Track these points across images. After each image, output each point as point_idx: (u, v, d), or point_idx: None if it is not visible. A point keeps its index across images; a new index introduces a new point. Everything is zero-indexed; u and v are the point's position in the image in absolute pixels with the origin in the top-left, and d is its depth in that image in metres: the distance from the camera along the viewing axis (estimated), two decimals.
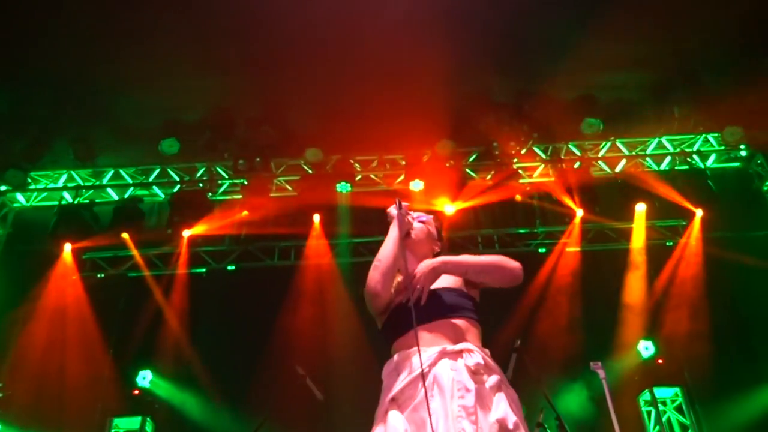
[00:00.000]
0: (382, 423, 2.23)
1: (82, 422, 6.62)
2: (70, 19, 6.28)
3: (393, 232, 2.60)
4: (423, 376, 2.19)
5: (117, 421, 6.67)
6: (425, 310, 2.39)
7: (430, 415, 2.07)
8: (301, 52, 6.87)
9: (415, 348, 2.27)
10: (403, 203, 2.69)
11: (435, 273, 2.43)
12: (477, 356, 2.30)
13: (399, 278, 2.58)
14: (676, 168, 8.05)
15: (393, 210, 2.68)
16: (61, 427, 6.51)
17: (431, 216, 2.91)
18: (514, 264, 2.59)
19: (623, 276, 7.22)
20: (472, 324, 2.47)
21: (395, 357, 2.40)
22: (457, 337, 2.37)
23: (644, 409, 6.75)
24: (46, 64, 6.72)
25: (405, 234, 2.64)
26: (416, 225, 2.76)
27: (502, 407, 2.19)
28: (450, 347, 2.30)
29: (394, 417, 2.20)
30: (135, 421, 6.68)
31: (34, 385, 6.67)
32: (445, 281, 2.55)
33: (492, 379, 2.28)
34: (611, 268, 7.33)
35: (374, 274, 2.49)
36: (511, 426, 2.14)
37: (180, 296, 7.46)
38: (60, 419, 6.50)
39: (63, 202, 8.05)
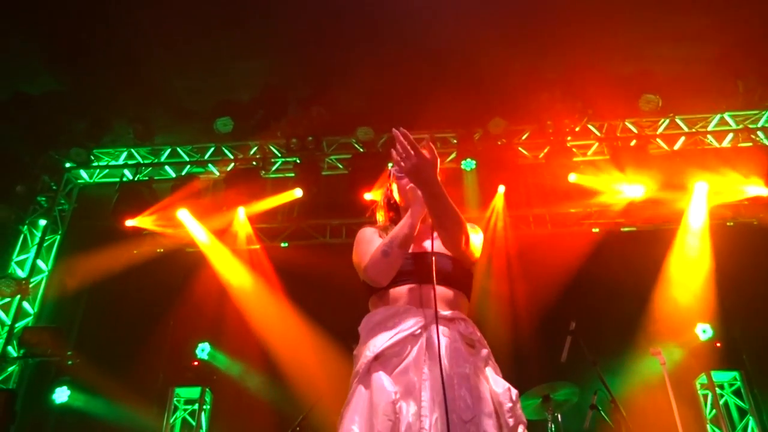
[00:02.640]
0: (363, 383, 2.15)
1: (146, 391, 6.93)
2: (130, 5, 6.44)
3: (416, 211, 2.39)
4: (438, 348, 2.09)
5: (178, 390, 6.97)
6: (423, 270, 2.33)
7: (443, 379, 2.02)
8: (351, 31, 6.87)
9: (406, 307, 2.25)
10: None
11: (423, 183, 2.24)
12: (470, 326, 2.29)
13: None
14: (738, 145, 7.76)
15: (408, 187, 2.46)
16: (127, 395, 6.82)
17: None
18: (465, 234, 2.36)
19: (681, 257, 7.05)
20: (464, 297, 2.42)
21: (380, 311, 2.33)
22: (450, 304, 2.32)
23: (701, 392, 6.64)
24: (106, 47, 6.93)
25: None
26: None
27: (498, 378, 2.20)
28: (444, 312, 2.24)
29: (381, 377, 2.10)
30: (195, 391, 6.96)
31: (101, 354, 7.00)
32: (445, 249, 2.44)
33: (483, 352, 2.28)
34: (668, 248, 7.15)
35: (382, 264, 2.32)
36: (513, 398, 2.14)
37: (234, 271, 7.66)
38: (125, 387, 6.81)
39: (124, 179, 8.34)
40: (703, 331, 6.67)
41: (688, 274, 6.88)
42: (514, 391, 2.17)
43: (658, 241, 7.25)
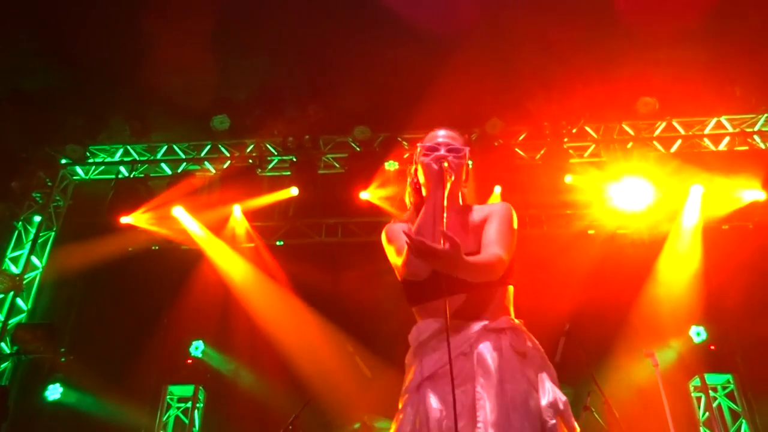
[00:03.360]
0: (413, 400, 2.12)
1: (139, 389, 6.91)
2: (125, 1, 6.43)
3: (437, 199, 2.22)
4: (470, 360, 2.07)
5: (172, 388, 6.95)
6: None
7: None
8: (348, 30, 6.87)
9: (452, 322, 2.09)
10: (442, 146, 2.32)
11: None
12: (521, 335, 2.18)
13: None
14: (735, 149, 7.77)
15: (431, 163, 2.30)
16: (119, 393, 6.80)
17: (463, 143, 2.47)
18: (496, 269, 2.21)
19: (675, 259, 7.06)
20: (505, 288, 2.31)
21: (427, 326, 2.24)
22: (495, 307, 2.23)
23: (694, 395, 6.65)
24: (102, 44, 6.91)
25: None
26: (453, 163, 2.33)
27: (549, 388, 2.10)
28: (492, 324, 2.17)
29: (430, 396, 2.08)
30: (188, 389, 6.95)
31: (94, 352, 6.99)
32: (476, 244, 2.29)
33: (534, 357, 2.17)
34: (663, 251, 7.16)
35: (415, 261, 2.13)
36: (561, 407, 2.06)
37: (229, 269, 7.65)
38: (118, 385, 6.79)
39: (120, 176, 8.32)
40: (697, 333, 6.68)
41: (683, 276, 6.88)
42: (562, 402, 2.07)
43: (653, 244, 7.26)
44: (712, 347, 6.60)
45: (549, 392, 2.08)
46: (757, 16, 6.78)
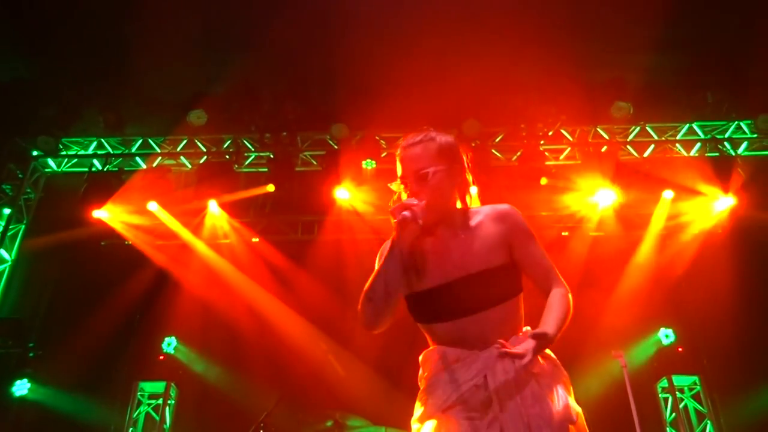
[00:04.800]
0: (424, 425, 2.08)
1: (109, 385, 6.83)
2: None
3: (390, 251, 2.10)
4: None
5: (143, 384, 6.88)
6: (471, 300, 2.14)
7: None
8: (328, 28, 6.85)
9: (464, 353, 2.10)
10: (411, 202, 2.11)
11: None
12: (538, 358, 2.09)
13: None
14: (706, 155, 7.92)
15: (393, 212, 2.10)
16: (89, 389, 6.72)
17: (437, 152, 2.25)
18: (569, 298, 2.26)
19: (647, 262, 7.18)
20: (518, 301, 2.22)
21: (438, 355, 2.16)
22: (507, 328, 2.15)
23: (661, 396, 6.78)
24: (77, 33, 6.80)
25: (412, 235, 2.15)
26: (418, 208, 2.09)
27: (562, 399, 2.05)
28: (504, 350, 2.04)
29: (444, 427, 2.02)
30: (160, 386, 6.89)
31: (64, 347, 6.87)
32: (486, 255, 2.19)
33: (549, 371, 2.12)
34: (635, 253, 7.28)
35: (367, 312, 2.10)
36: (574, 418, 2.02)
37: (204, 265, 7.60)
38: (88, 381, 6.71)
39: (93, 170, 8.19)
40: (666, 335, 6.81)
41: (653, 279, 7.01)
42: (575, 413, 2.03)
43: (625, 246, 7.37)
44: (680, 349, 6.73)
45: (562, 405, 2.03)
46: (728, 25, 6.92)
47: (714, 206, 7.40)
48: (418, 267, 2.21)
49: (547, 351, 2.16)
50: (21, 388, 6.79)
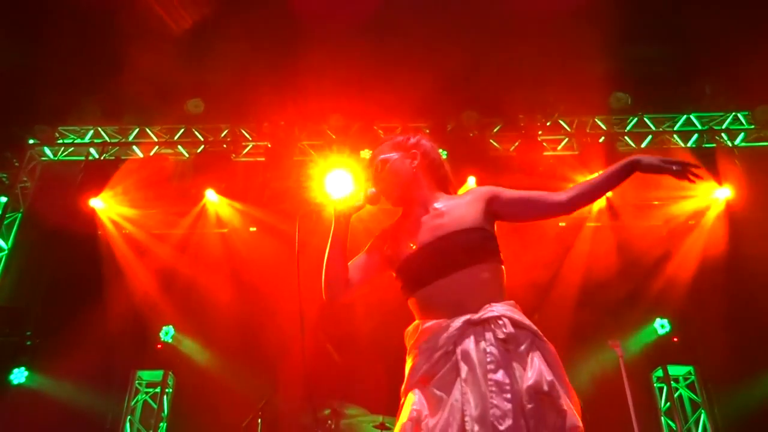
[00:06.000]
0: (405, 400, 2.13)
1: (107, 373, 6.84)
2: None
3: (332, 233, 2.44)
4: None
5: (141, 373, 6.90)
6: (441, 260, 2.20)
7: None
8: (326, 19, 6.82)
9: (438, 322, 2.13)
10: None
11: None
12: (506, 323, 2.09)
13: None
14: (703, 146, 7.93)
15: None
16: (87, 377, 6.73)
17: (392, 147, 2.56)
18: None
19: (643, 253, 7.21)
20: (495, 269, 2.25)
21: (418, 326, 2.20)
22: (481, 295, 2.16)
23: (656, 385, 6.84)
24: (74, 20, 6.75)
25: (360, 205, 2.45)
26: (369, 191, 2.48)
27: (536, 369, 2.02)
28: (475, 317, 2.10)
29: (416, 394, 2.09)
30: (157, 374, 6.91)
31: (61, 335, 6.87)
32: (457, 212, 2.34)
33: (524, 340, 2.10)
34: (632, 244, 7.30)
35: (323, 282, 2.44)
36: (546, 388, 1.97)
37: (201, 255, 7.60)
38: (85, 369, 6.71)
39: (90, 158, 8.16)
40: (662, 326, 6.85)
41: (650, 269, 7.04)
42: (547, 382, 1.99)
43: (621, 237, 7.40)
44: (675, 339, 6.78)
45: (534, 374, 2.01)
46: (726, 18, 6.91)
47: (710, 197, 7.42)
48: (399, 245, 2.37)
49: (527, 322, 2.16)
50: (19, 376, 6.80)
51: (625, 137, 8.03)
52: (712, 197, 7.39)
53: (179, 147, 8.21)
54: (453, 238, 2.24)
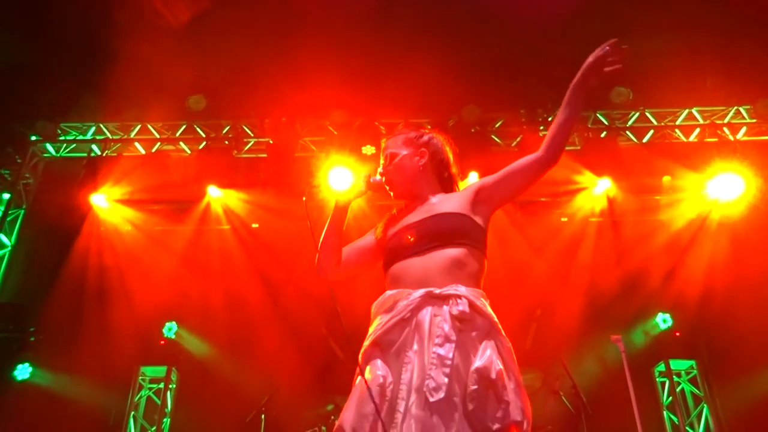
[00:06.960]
0: (362, 369, 2.17)
1: (111, 369, 6.86)
2: None
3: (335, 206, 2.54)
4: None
5: (144, 369, 6.92)
6: (420, 238, 2.30)
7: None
8: (327, 13, 6.81)
9: (400, 290, 2.22)
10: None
11: None
12: (464, 303, 2.11)
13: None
14: (705, 140, 7.92)
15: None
16: (90, 373, 6.75)
17: (404, 142, 2.65)
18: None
19: (645, 247, 7.21)
20: (471, 256, 2.29)
21: (384, 295, 2.29)
22: (449, 274, 2.21)
23: (659, 380, 6.85)
24: (75, 16, 6.74)
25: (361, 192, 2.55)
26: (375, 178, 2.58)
27: (487, 355, 2.04)
28: (437, 291, 2.15)
29: (374, 362, 2.14)
30: (161, 370, 6.93)
31: (65, 331, 6.90)
32: (448, 204, 2.43)
33: (480, 326, 2.13)
34: (634, 239, 7.31)
35: (317, 259, 2.55)
36: (493, 375, 1.99)
37: (203, 250, 7.61)
38: (89, 365, 6.73)
39: (92, 155, 8.16)
40: (664, 320, 6.86)
41: (652, 264, 7.04)
42: (495, 371, 2.00)
43: (623, 232, 7.40)
44: (678, 334, 6.79)
45: (484, 360, 2.03)
46: (729, 11, 6.89)
47: (714, 193, 7.40)
48: (389, 227, 2.52)
49: (488, 311, 2.19)
50: (23, 372, 6.82)
51: (627, 132, 8.02)
52: (715, 192, 7.32)
53: (181, 143, 8.21)
54: (436, 219, 2.35)
